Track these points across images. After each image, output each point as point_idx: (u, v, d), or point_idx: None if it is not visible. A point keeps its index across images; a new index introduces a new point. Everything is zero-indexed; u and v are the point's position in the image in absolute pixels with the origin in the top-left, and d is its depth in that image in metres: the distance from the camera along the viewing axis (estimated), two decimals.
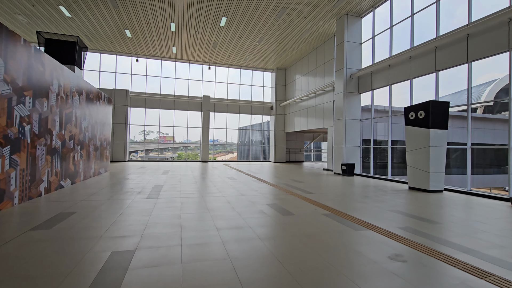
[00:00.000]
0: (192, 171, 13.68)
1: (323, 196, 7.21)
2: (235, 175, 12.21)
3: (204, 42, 17.47)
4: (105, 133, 11.74)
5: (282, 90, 22.90)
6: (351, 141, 13.33)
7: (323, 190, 8.40)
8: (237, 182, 9.81)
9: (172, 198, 6.47)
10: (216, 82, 22.46)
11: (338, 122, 13.62)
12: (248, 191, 7.75)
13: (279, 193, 7.60)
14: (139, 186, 8.21)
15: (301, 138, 24.19)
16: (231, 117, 22.94)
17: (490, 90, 13.57)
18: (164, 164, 18.32)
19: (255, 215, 5.07)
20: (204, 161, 21.41)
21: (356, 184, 9.90)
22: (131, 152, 31.81)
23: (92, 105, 10.03)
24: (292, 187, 8.80)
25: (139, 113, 20.73)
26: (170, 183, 9.14)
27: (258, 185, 9.14)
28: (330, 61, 16.13)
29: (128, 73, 20.41)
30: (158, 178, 10.45)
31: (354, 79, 13.40)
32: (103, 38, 17.14)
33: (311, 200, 6.65)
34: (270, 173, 13.56)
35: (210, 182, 9.67)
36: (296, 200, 6.61)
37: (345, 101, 13.24)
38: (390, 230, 4.26)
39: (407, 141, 8.95)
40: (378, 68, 12.03)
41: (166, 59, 20.90)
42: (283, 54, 19.34)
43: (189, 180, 9.92)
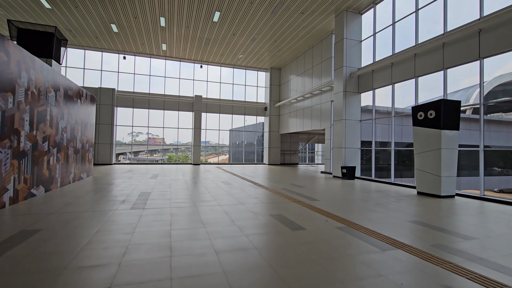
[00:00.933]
0: (183, 174, 12.78)
1: (331, 204, 6.50)
2: (230, 179, 11.41)
3: (196, 39, 16.63)
4: (88, 134, 10.74)
5: (276, 91, 22.24)
6: (351, 142, 12.74)
7: (327, 196, 7.70)
8: (233, 187, 9.01)
9: (160, 209, 5.62)
10: (208, 82, 21.61)
11: (337, 123, 13.02)
12: (247, 199, 6.97)
13: (281, 200, 6.85)
14: (124, 194, 7.31)
15: (296, 140, 23.57)
16: (223, 118, 22.11)
17: (478, 93, 13.53)
18: (153, 167, 17.32)
19: (259, 230, 4.30)
20: (196, 163, 20.49)
21: (360, 189, 9.26)
22: (119, 154, 30.63)
23: (72, 103, 9.05)
24: (294, 193, 8.08)
25: (126, 113, 19.66)
26: (159, 189, 8.26)
27: (256, 190, 8.37)
28: (327, 60, 15.56)
29: (115, 71, 19.33)
30: (146, 183, 9.54)
31: (354, 78, 12.84)
32: (88, 33, 16.06)
33: (319, 209, 5.93)
34: (266, 176, 12.81)
35: (203, 187, 8.83)
36: (302, 209, 5.87)
37: (344, 101, 12.65)
38: (424, 250, 3.57)
39: (416, 143, 8.38)
40: (380, 67, 11.49)
41: (155, 57, 19.92)
42: (278, 53, 18.69)
43: (180, 186, 9.06)
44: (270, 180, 11.41)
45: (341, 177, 12.46)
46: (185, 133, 21.28)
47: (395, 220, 5.15)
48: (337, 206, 6.34)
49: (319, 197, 7.42)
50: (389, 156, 12.62)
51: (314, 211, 5.68)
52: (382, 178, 11.98)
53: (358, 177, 12.51)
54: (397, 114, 11.17)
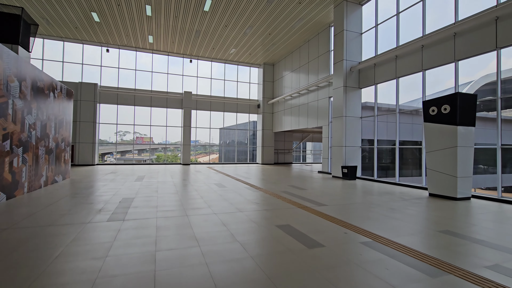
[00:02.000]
0: (172, 176, 11.77)
1: (341, 210, 5.72)
2: (223, 180, 10.50)
3: (185, 31, 15.57)
4: (63, 132, 9.59)
5: (270, 87, 21.41)
6: (351, 141, 12.06)
7: (334, 199, 6.92)
8: (228, 190, 8.11)
9: (144, 220, 4.67)
10: (198, 77, 20.54)
11: (337, 120, 12.31)
12: (245, 204, 6.09)
13: (285, 206, 6.01)
14: (102, 200, 6.30)
15: (290, 138, 22.84)
16: (214, 116, 21.11)
17: (467, 91, 13.16)
18: (139, 168, 16.17)
19: (268, 248, 3.44)
20: (186, 163, 19.42)
21: (365, 191, 8.54)
22: (105, 154, 29.16)
23: (43, 97, 7.92)
24: (296, 196, 7.26)
25: (111, 111, 18.37)
26: (144, 194, 7.27)
27: (254, 194, 7.51)
28: (324, 55, 14.84)
29: (98, 65, 18.00)
30: (130, 187, 8.51)
31: (355, 73, 12.15)
32: (66, 22, 14.73)
33: (330, 216, 5.12)
34: (262, 177, 11.96)
35: (194, 191, 7.90)
36: (311, 217, 5.05)
37: (345, 96, 11.95)
38: (481, 274, 2.81)
39: (427, 140, 7.72)
40: (383, 60, 10.83)
41: (141, 50, 18.70)
42: (272, 47, 17.85)
43: (169, 189, 8.09)
44: (266, 181, 10.57)
45: (342, 177, 11.76)
46: (174, 131, 20.18)
47: (423, 230, 4.40)
48: (349, 212, 5.56)
49: (325, 201, 6.63)
50: (388, 155, 12.03)
51: (326, 220, 4.87)
52: (384, 178, 11.36)
53: (360, 177, 11.84)
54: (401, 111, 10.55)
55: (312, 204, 6.24)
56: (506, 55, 7.19)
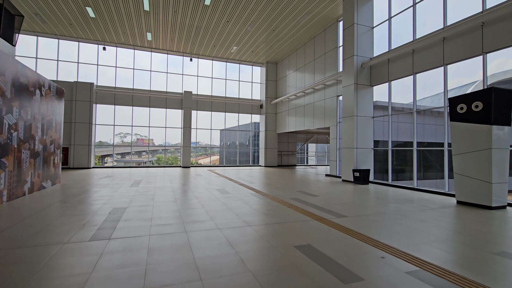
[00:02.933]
0: (171, 180, 10.98)
1: (365, 223, 4.92)
2: (225, 185, 9.70)
3: (185, 27, 14.82)
4: (53, 134, 8.82)
5: (273, 87, 20.65)
6: (363, 142, 11.26)
7: (352, 209, 6.12)
8: (231, 197, 7.31)
9: (134, 239, 3.88)
10: (199, 77, 19.79)
11: (347, 120, 11.52)
12: (253, 216, 5.30)
13: (299, 217, 5.21)
14: (89, 211, 5.51)
15: (294, 140, 22.05)
16: (215, 117, 20.33)
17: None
18: (137, 171, 15.38)
19: (291, 283, 2.64)
20: (186, 166, 18.63)
21: (384, 197, 7.74)
22: (105, 156, 28.49)
23: (27, 95, 7.15)
24: (309, 204, 6.46)
25: (108, 111, 17.61)
26: (138, 202, 6.48)
27: (261, 202, 6.71)
28: (332, 51, 14.07)
29: (94, 64, 17.26)
30: (124, 193, 7.72)
31: (366, 69, 11.37)
32: (60, 18, 14.00)
33: (355, 232, 4.32)
34: (267, 181, 11.17)
35: (195, 199, 7.10)
36: (334, 234, 4.25)
37: (355, 95, 11.16)
38: None
39: (454, 141, 6.92)
40: (398, 55, 10.04)
41: (140, 48, 17.96)
42: (276, 44, 17.09)
43: (167, 197, 7.29)
44: (272, 186, 9.77)
45: (353, 182, 10.95)
46: (174, 133, 19.41)
47: (475, 252, 3.59)
48: (375, 226, 4.76)
49: (343, 211, 5.83)
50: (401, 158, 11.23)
51: (352, 236, 4.08)
52: (398, 182, 10.56)
53: (372, 181, 11.03)
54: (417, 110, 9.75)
55: (330, 215, 5.44)
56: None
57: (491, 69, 7.55)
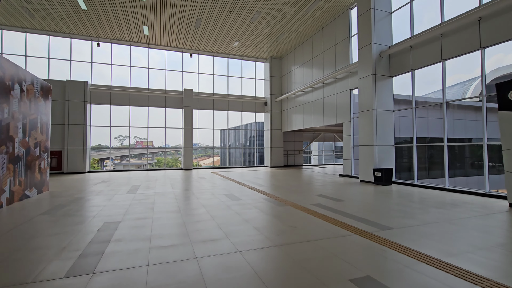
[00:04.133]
0: (172, 185, 9.94)
1: (421, 238, 3.89)
2: (233, 189, 8.66)
3: (185, 19, 13.79)
4: (38, 135, 7.78)
5: (277, 83, 19.61)
6: (383, 138, 10.24)
7: (394, 218, 5.08)
8: (245, 205, 6.27)
9: (126, 274, 2.83)
10: (199, 74, 18.75)
11: (364, 115, 10.49)
12: (278, 230, 4.26)
13: (336, 232, 4.18)
14: (74, 228, 4.46)
15: (300, 138, 21.01)
16: (217, 116, 19.28)
17: (476, 87, 11.77)
18: (136, 175, 14.33)
19: None
20: (187, 168, 17.59)
21: (420, 201, 6.71)
22: (104, 159, 27.46)
23: (2, 90, 6.11)
24: (338, 212, 5.43)
25: (103, 112, 16.56)
26: (135, 214, 5.44)
27: (281, 210, 5.67)
28: (342, 42, 13.04)
29: (88, 61, 16.22)
30: (119, 202, 6.68)
31: (384, 59, 10.35)
32: (49, 12, 12.96)
33: (418, 253, 3.29)
34: (279, 184, 10.13)
35: (202, 207, 6.06)
36: (393, 256, 3.22)
37: (374, 86, 10.14)
38: None
39: (505, 134, 5.89)
40: (423, 41, 9.02)
41: (136, 44, 16.91)
42: (281, 37, 16.05)
43: (168, 206, 6.25)
44: (286, 189, 8.73)
45: (374, 182, 9.92)
46: (174, 134, 18.36)
47: None
48: (437, 241, 3.72)
49: (384, 221, 4.80)
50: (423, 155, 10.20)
51: (421, 261, 3.04)
52: (423, 181, 9.53)
53: (396, 182, 10.00)
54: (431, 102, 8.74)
55: (370, 227, 4.40)
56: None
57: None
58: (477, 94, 11.24)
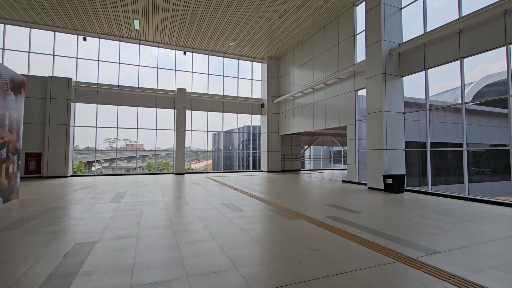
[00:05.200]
0: (163, 192, 8.92)
1: (481, 265, 3.05)
2: (232, 197, 7.72)
3: (178, 14, 12.87)
4: (5, 135, 6.68)
5: (275, 84, 18.83)
6: (393, 142, 9.50)
7: (433, 236, 4.25)
8: (249, 218, 5.35)
9: None
10: (193, 73, 17.80)
11: (373, 117, 9.75)
12: (299, 255, 3.36)
13: (371, 257, 3.31)
14: (33, 252, 3.45)
15: (297, 142, 20.23)
16: (210, 117, 18.32)
17: (468, 92, 11.52)
18: (124, 179, 13.19)
19: None
20: (179, 173, 16.52)
21: (445, 212, 5.92)
22: (92, 162, 26.15)
23: None
24: (360, 227, 4.57)
25: (89, 111, 15.38)
26: (116, 231, 4.44)
27: (294, 226, 4.77)
28: (346, 41, 12.36)
29: (73, 57, 15.07)
30: (99, 214, 5.64)
31: (394, 57, 9.67)
32: (30, 2, 11.83)
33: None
34: (280, 191, 9.24)
35: (198, 221, 5.09)
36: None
37: (384, 86, 9.43)
38: None
39: None
40: (439, 37, 8.36)
41: (126, 40, 15.87)
42: (280, 35, 15.29)
43: (158, 219, 5.26)
44: (291, 198, 7.85)
45: (384, 190, 9.14)
46: (166, 137, 17.28)
47: None
48: (505, 270, 2.89)
49: (421, 240, 3.96)
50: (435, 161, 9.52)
51: None
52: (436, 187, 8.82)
53: (408, 189, 9.24)
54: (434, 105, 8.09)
55: (411, 250, 3.55)
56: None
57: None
58: (470, 98, 10.79)
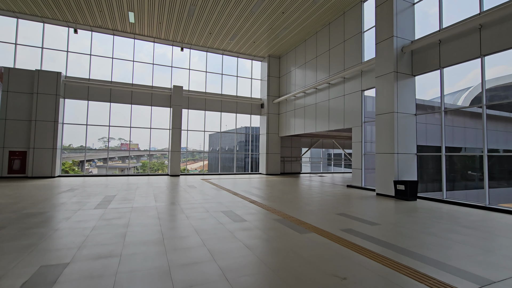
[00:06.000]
0: (155, 196, 8.16)
1: None
2: (232, 203, 7.00)
3: (176, 6, 12.14)
4: None
5: (275, 84, 18.18)
6: (404, 146, 8.89)
7: (466, 257, 3.60)
8: (254, 230, 4.64)
9: None
10: (191, 70, 17.06)
11: (383, 118, 9.14)
12: (323, 283, 2.66)
13: None
14: None
15: (297, 144, 19.58)
16: (209, 117, 17.59)
17: (466, 98, 11.15)
18: (115, 181, 12.37)
19: None
20: (174, 174, 15.74)
21: (472, 225, 5.28)
22: (87, 161, 25.39)
23: None
24: (385, 245, 3.90)
25: (80, 108, 14.55)
26: (96, 248, 3.69)
27: (306, 242, 4.08)
28: (353, 39, 11.76)
29: (63, 50, 14.23)
30: (79, 224, 4.88)
31: (406, 55, 9.08)
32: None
33: None
34: (284, 197, 8.55)
35: (195, 235, 4.37)
36: None
37: (396, 86, 8.81)
38: None
39: None
40: (456, 34, 7.78)
41: (120, 34, 15.08)
42: (283, 32, 14.65)
43: (147, 231, 4.52)
44: (297, 205, 7.16)
45: (395, 197, 8.50)
46: (161, 136, 16.49)
47: None
48: None
49: (464, 264, 3.30)
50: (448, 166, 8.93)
51: None
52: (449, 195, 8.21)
53: (420, 197, 8.60)
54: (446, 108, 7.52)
55: (461, 280, 2.88)
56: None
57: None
58: (467, 103, 10.27)
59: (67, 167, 17.36)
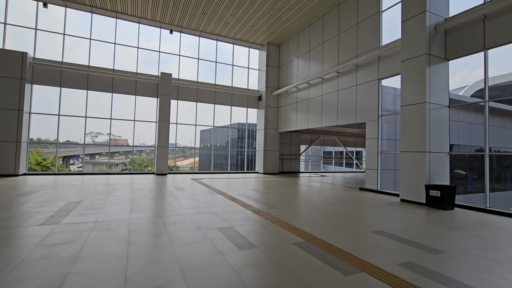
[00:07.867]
0: (132, 202, 6.45)
1: None
2: (231, 214, 5.40)
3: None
4: None
5: (275, 74, 16.57)
6: (437, 143, 7.45)
7: None
8: (269, 266, 3.05)
9: None
10: (181, 56, 15.25)
11: (410, 110, 7.67)
12: None
13: None
14: None
15: (297, 141, 18.06)
16: (202, 109, 15.84)
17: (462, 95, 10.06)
18: (91, 180, 10.53)
19: None
20: (161, 173, 13.98)
21: None
22: (71, 156, 23.44)
23: None
24: (452, 282, 2.38)
25: (52, 95, 12.58)
26: None
27: (346, 285, 2.52)
28: (369, 20, 10.25)
29: (31, 27, 12.19)
30: (3, 253, 3.17)
31: (440, 35, 7.61)
32: None
33: None
34: (296, 204, 6.99)
35: (177, 275, 2.74)
36: None
37: (428, 71, 7.34)
38: None
39: None
40: (506, 6, 6.34)
41: (100, 12, 13.12)
42: (285, 14, 13.00)
43: (105, 267, 2.86)
44: (316, 219, 5.61)
45: (427, 204, 7.05)
46: (149, 130, 14.66)
47: None
48: None
49: None
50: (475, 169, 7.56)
51: None
52: (493, 204, 6.83)
53: (458, 205, 7.18)
54: None
55: None
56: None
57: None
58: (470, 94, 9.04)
59: (49, 162, 15.46)
